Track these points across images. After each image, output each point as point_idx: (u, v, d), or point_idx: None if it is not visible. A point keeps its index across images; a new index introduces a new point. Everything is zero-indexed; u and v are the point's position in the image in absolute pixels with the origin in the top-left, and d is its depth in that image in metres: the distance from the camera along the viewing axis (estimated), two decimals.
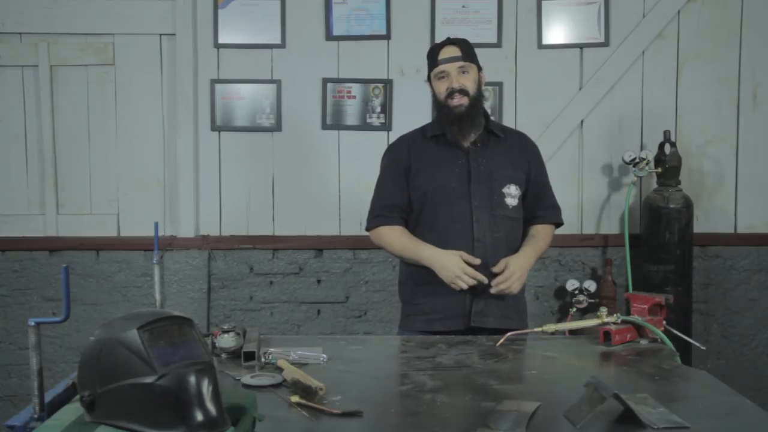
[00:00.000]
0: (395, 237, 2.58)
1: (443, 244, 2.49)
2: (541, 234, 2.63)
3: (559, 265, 3.81)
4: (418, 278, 2.56)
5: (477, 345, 2.27)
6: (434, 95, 2.59)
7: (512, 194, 2.56)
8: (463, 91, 2.50)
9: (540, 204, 2.66)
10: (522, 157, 2.63)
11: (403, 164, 2.60)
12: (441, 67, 2.52)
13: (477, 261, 2.43)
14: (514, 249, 2.55)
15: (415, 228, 2.59)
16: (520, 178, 2.59)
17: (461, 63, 2.51)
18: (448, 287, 2.45)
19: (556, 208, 2.70)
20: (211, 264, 3.78)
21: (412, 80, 3.72)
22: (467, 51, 2.55)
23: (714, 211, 3.81)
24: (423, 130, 2.68)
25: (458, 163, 2.56)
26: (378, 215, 2.62)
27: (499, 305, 2.51)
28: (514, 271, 2.44)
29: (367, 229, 2.67)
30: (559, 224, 2.73)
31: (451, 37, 2.62)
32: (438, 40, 3.56)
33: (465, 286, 2.41)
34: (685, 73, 3.77)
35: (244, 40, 3.74)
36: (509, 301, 2.53)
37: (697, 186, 3.78)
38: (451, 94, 2.51)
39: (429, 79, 2.60)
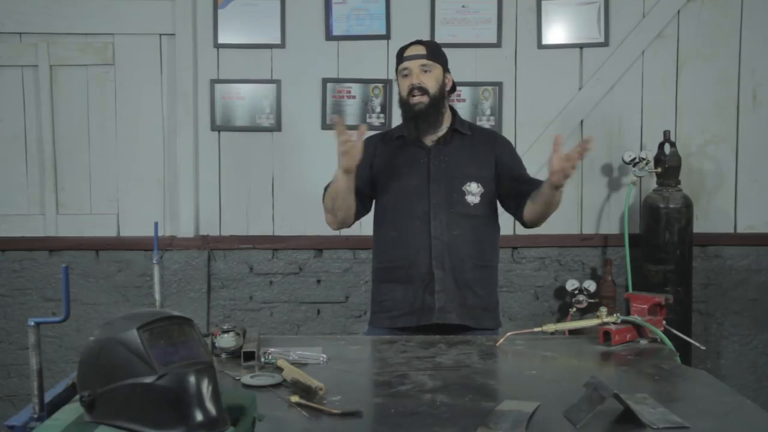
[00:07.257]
0: (327, 192, 2.56)
1: (404, 241, 2.53)
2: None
3: (559, 265, 3.81)
4: (379, 275, 2.63)
5: (477, 345, 2.27)
6: (399, 93, 2.61)
7: (473, 192, 2.54)
8: (422, 89, 2.50)
9: (525, 189, 2.53)
10: (488, 155, 2.60)
11: (367, 161, 2.54)
12: (404, 64, 2.54)
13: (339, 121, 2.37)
14: (480, 247, 2.55)
15: (381, 226, 2.63)
16: (485, 177, 2.57)
17: (424, 61, 2.52)
18: (407, 283, 2.50)
19: None
20: (211, 264, 3.78)
21: None
22: (433, 51, 2.56)
23: (714, 211, 3.81)
24: (391, 131, 2.73)
25: (420, 162, 2.57)
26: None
27: (461, 302, 2.51)
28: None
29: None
30: None
31: (422, 39, 2.64)
32: (438, 39, 3.58)
33: (351, 162, 2.35)
34: (685, 73, 3.77)
35: (243, 40, 3.74)
36: (471, 298, 2.53)
37: (697, 186, 3.78)
38: (411, 91, 2.51)
39: (397, 78, 2.62)
